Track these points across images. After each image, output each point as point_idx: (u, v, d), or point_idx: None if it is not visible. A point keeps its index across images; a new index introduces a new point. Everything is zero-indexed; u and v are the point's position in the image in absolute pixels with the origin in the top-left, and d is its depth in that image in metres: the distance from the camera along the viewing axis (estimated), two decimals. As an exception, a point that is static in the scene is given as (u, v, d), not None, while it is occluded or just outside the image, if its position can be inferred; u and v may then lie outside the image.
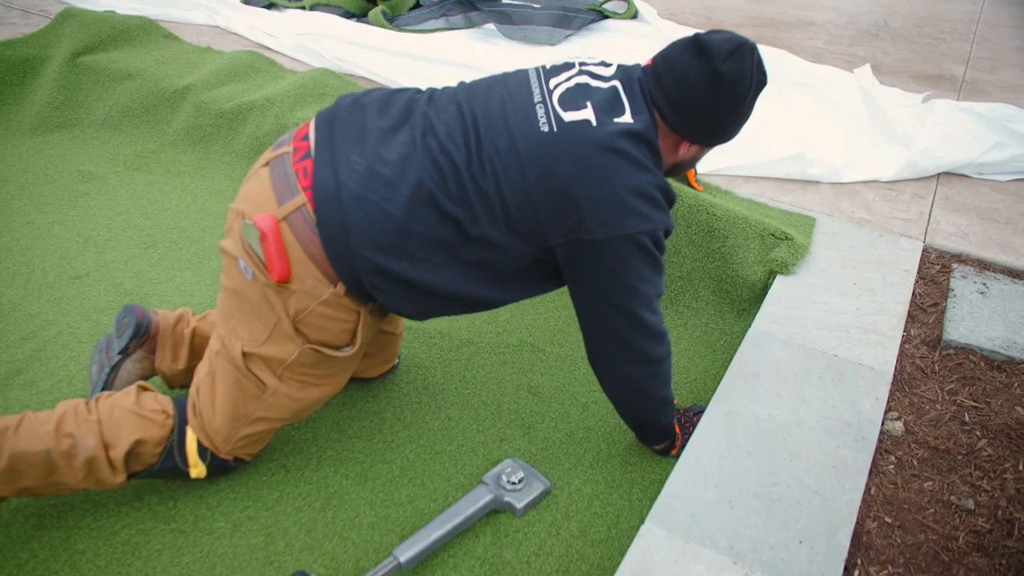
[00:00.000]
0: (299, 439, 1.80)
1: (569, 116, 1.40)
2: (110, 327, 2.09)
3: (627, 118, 1.41)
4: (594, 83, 1.46)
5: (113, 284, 2.29)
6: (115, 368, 1.75)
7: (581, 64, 1.51)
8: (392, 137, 1.42)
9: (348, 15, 3.95)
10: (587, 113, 1.40)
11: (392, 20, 3.86)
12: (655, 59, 1.50)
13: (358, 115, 1.46)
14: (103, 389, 1.74)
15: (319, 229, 1.39)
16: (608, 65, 1.52)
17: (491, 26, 3.79)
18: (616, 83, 1.46)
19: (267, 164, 1.48)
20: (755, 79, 1.44)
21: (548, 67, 1.53)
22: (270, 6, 4.10)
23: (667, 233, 1.47)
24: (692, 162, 1.61)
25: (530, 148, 1.39)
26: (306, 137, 1.47)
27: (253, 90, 3.06)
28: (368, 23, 3.85)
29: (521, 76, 1.52)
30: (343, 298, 1.45)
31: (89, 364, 1.83)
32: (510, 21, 3.75)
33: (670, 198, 1.48)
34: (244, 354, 1.49)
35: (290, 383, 1.53)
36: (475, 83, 1.54)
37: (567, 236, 1.42)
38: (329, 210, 1.38)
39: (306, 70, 3.23)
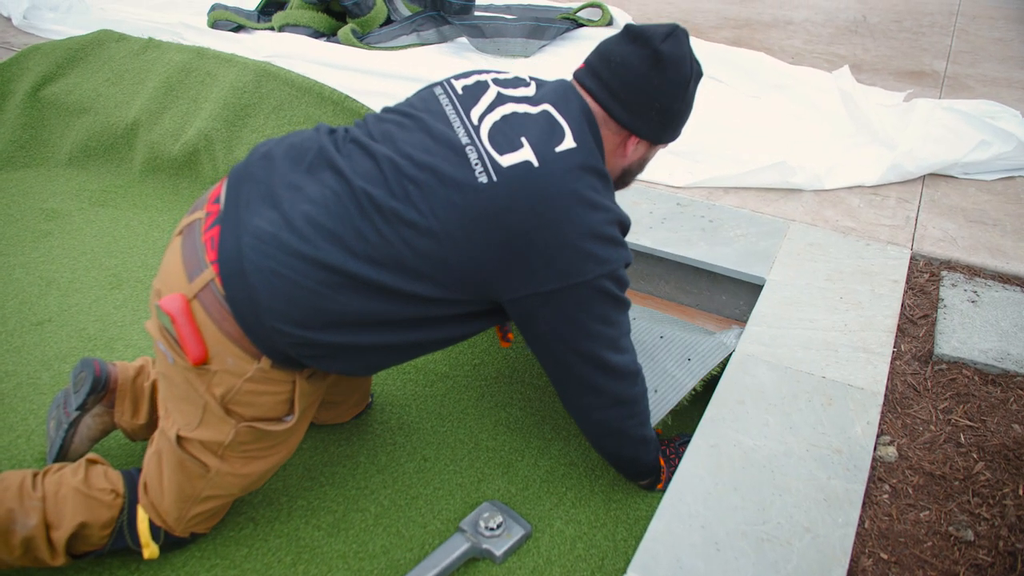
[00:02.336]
0: (269, 489, 1.72)
1: (507, 160, 1.28)
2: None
3: (569, 143, 1.31)
4: (522, 109, 1.34)
5: (76, 329, 2.20)
6: (73, 424, 1.67)
7: (495, 82, 1.39)
8: (301, 196, 1.30)
9: (317, 35, 3.87)
10: (526, 152, 1.28)
11: (362, 38, 3.79)
12: (587, 60, 1.42)
13: (265, 170, 1.35)
14: (61, 446, 1.66)
15: (229, 305, 1.29)
16: (526, 84, 1.41)
17: (463, 40, 3.72)
18: (547, 106, 1.35)
19: (180, 232, 1.38)
20: (694, 66, 1.41)
21: (459, 91, 1.40)
22: (238, 29, 4.01)
23: (627, 265, 1.38)
24: (640, 166, 1.52)
25: (470, 204, 1.27)
26: (219, 199, 1.36)
27: (193, 112, 2.96)
28: (338, 42, 3.78)
29: (434, 108, 1.38)
30: (271, 372, 1.36)
31: (47, 420, 1.75)
32: (482, 34, 3.67)
33: (625, 228, 1.39)
34: (180, 438, 1.41)
35: (233, 462, 1.45)
36: (383, 121, 1.40)
37: (519, 292, 1.33)
38: (235, 285, 1.27)
39: (233, 72, 3.01)
